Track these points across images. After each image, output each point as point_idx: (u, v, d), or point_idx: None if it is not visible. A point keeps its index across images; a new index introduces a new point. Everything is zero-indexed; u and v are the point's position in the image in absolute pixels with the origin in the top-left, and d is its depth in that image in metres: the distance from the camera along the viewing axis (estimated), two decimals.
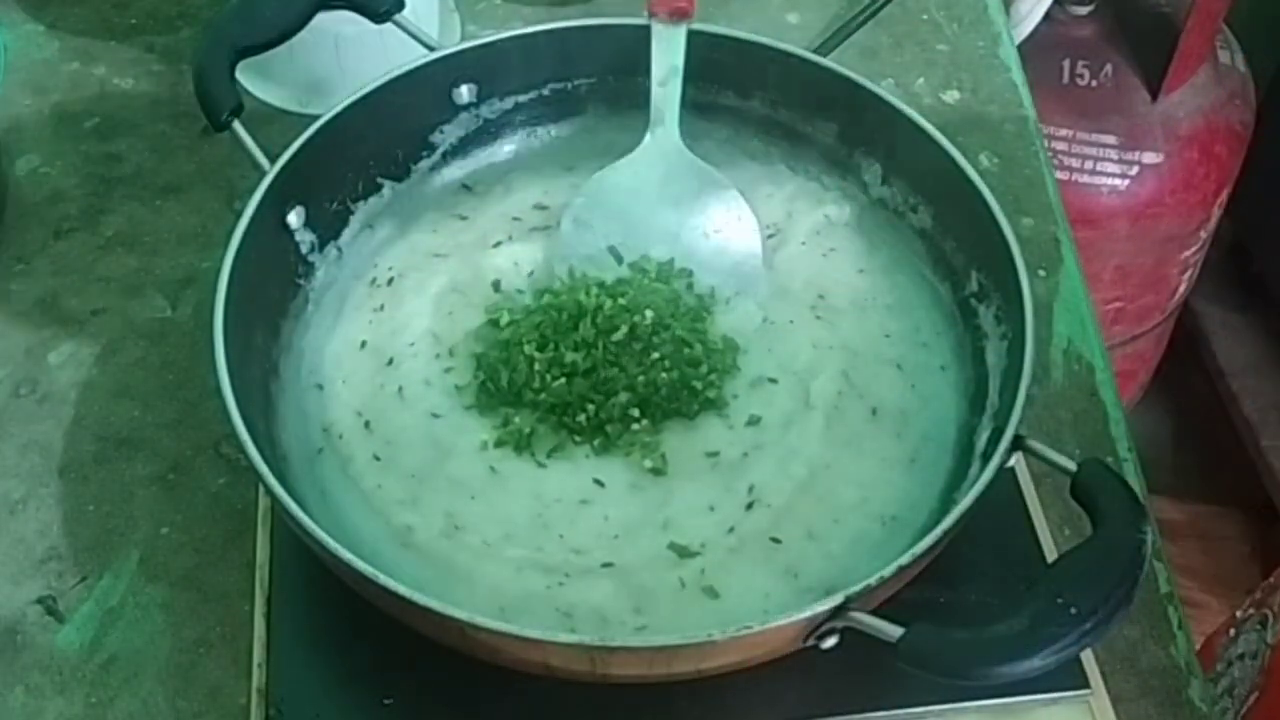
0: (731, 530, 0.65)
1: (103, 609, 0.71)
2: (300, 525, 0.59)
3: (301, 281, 0.73)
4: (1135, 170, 1.36)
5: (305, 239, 0.72)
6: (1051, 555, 0.69)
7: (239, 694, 0.68)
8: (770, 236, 0.76)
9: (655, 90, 0.74)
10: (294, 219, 0.71)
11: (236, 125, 0.70)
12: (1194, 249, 1.46)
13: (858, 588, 0.57)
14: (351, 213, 0.75)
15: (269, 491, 0.60)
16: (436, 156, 0.78)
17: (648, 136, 0.74)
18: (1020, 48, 1.00)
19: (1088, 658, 0.66)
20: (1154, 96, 1.34)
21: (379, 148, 0.75)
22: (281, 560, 0.69)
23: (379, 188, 0.76)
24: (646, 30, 0.75)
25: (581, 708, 0.64)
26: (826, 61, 0.76)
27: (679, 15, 0.74)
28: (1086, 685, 0.65)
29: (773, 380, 0.70)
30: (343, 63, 0.87)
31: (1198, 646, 0.71)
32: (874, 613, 0.57)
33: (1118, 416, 0.78)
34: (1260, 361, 1.70)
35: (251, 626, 0.67)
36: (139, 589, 0.71)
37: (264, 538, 0.70)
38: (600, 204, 0.74)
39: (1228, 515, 1.65)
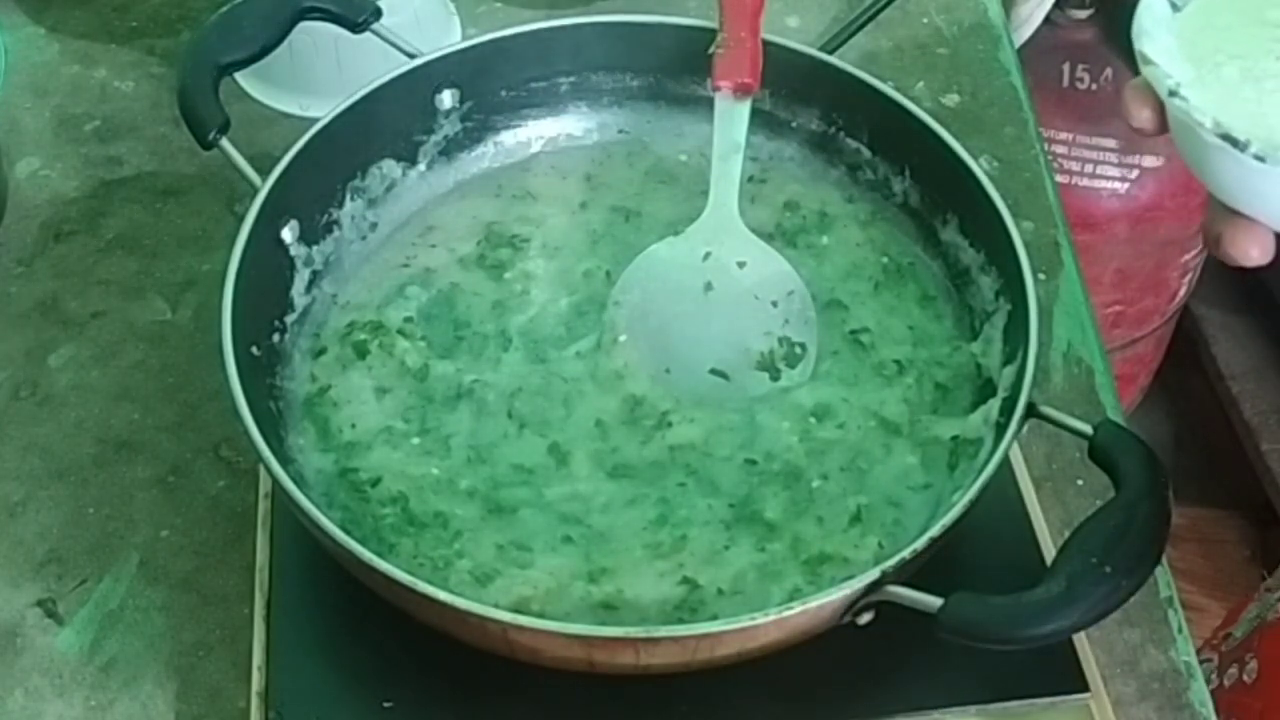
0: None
1: (102, 612, 0.71)
2: (332, 538, 0.59)
3: (295, 295, 0.73)
4: (1135, 174, 1.36)
5: (300, 253, 0.72)
6: (1051, 559, 0.69)
7: (239, 697, 0.68)
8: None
9: (716, 165, 0.73)
10: (288, 234, 0.71)
11: (224, 143, 0.70)
12: (1194, 252, 1.46)
13: (893, 561, 0.57)
14: (340, 225, 0.75)
15: (298, 508, 0.60)
16: (423, 164, 0.78)
17: (706, 211, 0.73)
18: (1020, 51, 1.00)
19: (1088, 660, 0.66)
20: None
21: (366, 157, 0.75)
22: (281, 563, 0.69)
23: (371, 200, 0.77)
24: (633, 28, 0.76)
25: (582, 707, 0.64)
26: (837, 61, 0.76)
27: (744, 91, 0.73)
28: (1086, 688, 0.65)
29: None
30: (343, 66, 0.87)
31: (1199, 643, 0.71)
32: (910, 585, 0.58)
33: (1118, 420, 0.78)
34: (1260, 365, 1.70)
35: (251, 629, 0.67)
36: (139, 592, 0.71)
37: (264, 540, 0.70)
38: (654, 278, 0.73)
39: (1228, 519, 1.65)
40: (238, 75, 0.88)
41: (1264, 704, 0.76)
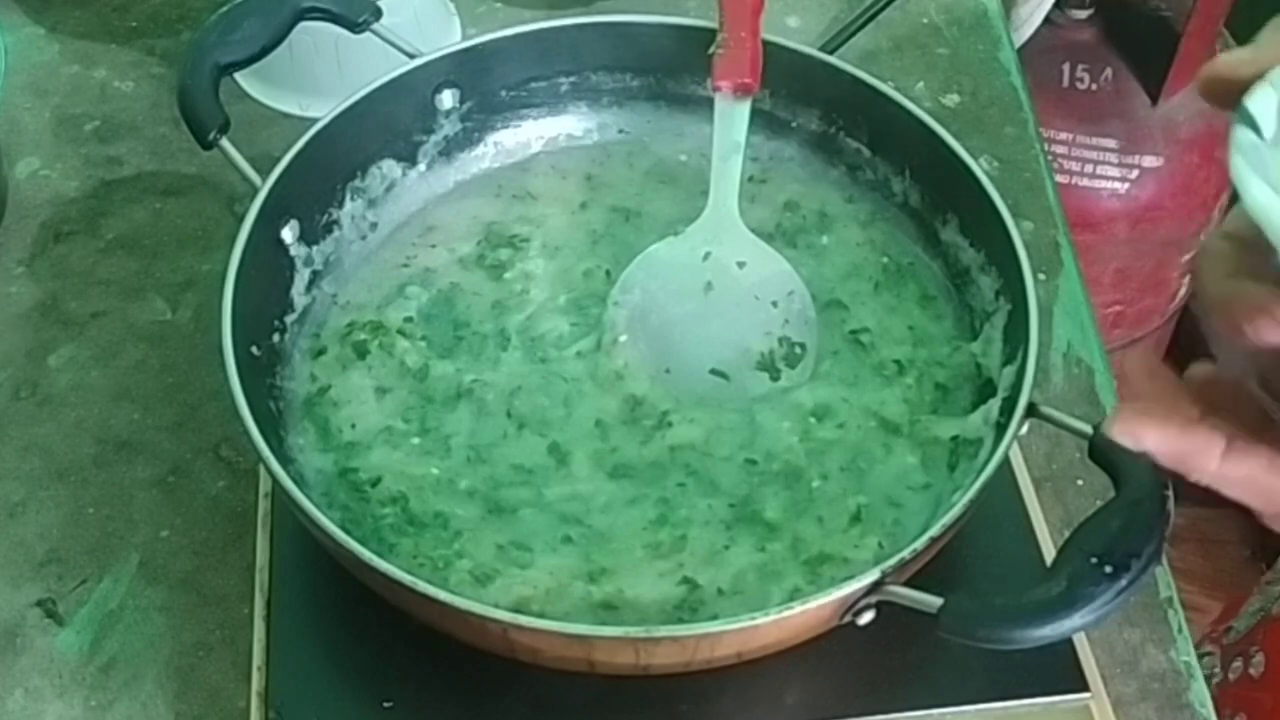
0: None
1: (102, 612, 0.71)
2: (329, 535, 0.59)
3: (295, 295, 0.73)
4: (1135, 174, 1.36)
5: (300, 253, 0.72)
6: (1051, 559, 0.69)
7: (239, 697, 0.68)
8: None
9: (716, 165, 0.73)
10: (288, 234, 0.71)
11: (224, 142, 0.70)
12: (1194, 252, 1.46)
13: (893, 561, 0.57)
14: (340, 225, 0.75)
15: (298, 508, 0.60)
16: (423, 164, 0.78)
17: (706, 211, 0.73)
18: (1020, 51, 1.00)
19: (1088, 660, 0.66)
20: (1154, 100, 1.35)
21: (366, 157, 0.75)
22: (281, 563, 0.69)
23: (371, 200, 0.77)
24: (633, 28, 0.76)
25: (582, 707, 0.64)
26: (837, 61, 0.76)
27: (744, 91, 0.73)
28: (1086, 689, 0.65)
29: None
30: (343, 66, 0.87)
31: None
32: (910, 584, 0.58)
33: None
34: None
35: (251, 629, 0.67)
36: (139, 592, 0.71)
37: (264, 540, 0.70)
38: (654, 278, 0.73)
39: (1227, 519, 1.65)
40: (238, 75, 0.88)
41: (1274, 697, 0.76)
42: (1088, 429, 0.61)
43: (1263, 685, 0.71)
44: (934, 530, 0.59)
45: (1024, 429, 0.62)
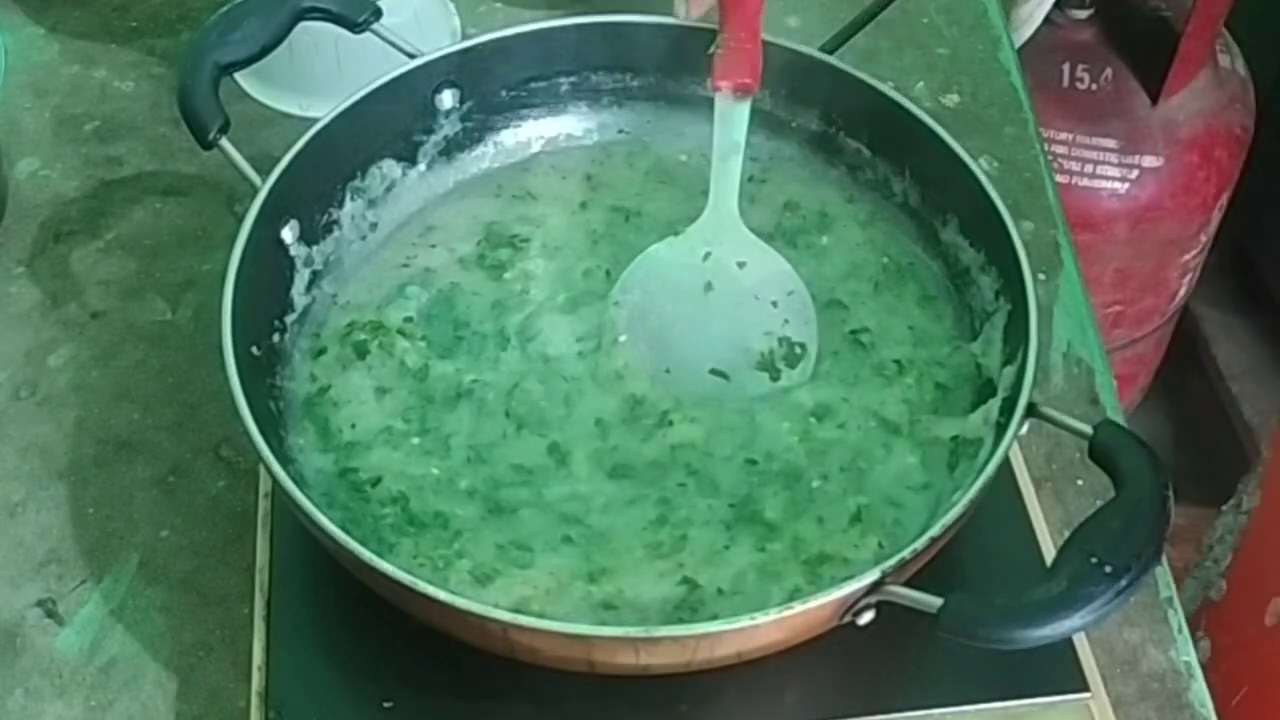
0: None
1: (102, 612, 0.71)
2: (327, 533, 0.59)
3: (295, 295, 0.73)
4: (1135, 174, 1.36)
5: (300, 253, 0.72)
6: (1051, 559, 0.69)
7: (239, 697, 0.68)
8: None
9: (716, 165, 0.73)
10: (288, 234, 0.71)
11: (224, 143, 0.70)
12: (1194, 252, 1.46)
13: (893, 561, 0.58)
14: (340, 225, 0.75)
15: (298, 508, 0.60)
16: (423, 164, 0.78)
17: (706, 211, 0.73)
18: (1020, 51, 1.00)
19: (1088, 660, 0.66)
20: (1154, 100, 1.35)
21: (366, 157, 0.75)
22: (281, 563, 0.69)
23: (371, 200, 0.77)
24: (633, 28, 0.76)
25: (582, 708, 0.64)
26: (837, 61, 0.76)
27: (744, 91, 0.73)
28: (1086, 688, 0.66)
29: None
30: (343, 66, 0.87)
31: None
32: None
33: (1118, 420, 0.78)
34: (1260, 365, 1.70)
35: (251, 629, 0.67)
36: (139, 592, 0.71)
37: (264, 540, 0.70)
38: (654, 278, 0.73)
39: None
40: (238, 75, 0.88)
41: (1221, 681, 0.76)
42: (1088, 429, 0.61)
43: (1209, 672, 0.72)
44: (934, 530, 0.59)
45: (1024, 429, 0.62)
